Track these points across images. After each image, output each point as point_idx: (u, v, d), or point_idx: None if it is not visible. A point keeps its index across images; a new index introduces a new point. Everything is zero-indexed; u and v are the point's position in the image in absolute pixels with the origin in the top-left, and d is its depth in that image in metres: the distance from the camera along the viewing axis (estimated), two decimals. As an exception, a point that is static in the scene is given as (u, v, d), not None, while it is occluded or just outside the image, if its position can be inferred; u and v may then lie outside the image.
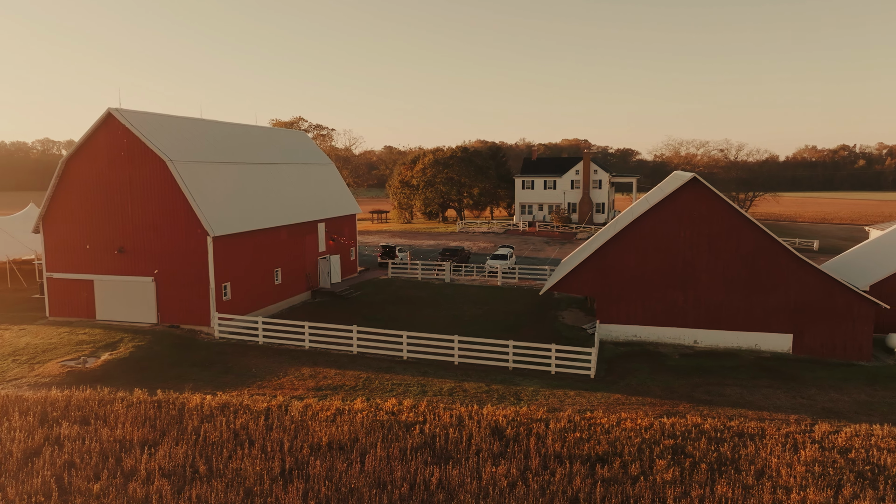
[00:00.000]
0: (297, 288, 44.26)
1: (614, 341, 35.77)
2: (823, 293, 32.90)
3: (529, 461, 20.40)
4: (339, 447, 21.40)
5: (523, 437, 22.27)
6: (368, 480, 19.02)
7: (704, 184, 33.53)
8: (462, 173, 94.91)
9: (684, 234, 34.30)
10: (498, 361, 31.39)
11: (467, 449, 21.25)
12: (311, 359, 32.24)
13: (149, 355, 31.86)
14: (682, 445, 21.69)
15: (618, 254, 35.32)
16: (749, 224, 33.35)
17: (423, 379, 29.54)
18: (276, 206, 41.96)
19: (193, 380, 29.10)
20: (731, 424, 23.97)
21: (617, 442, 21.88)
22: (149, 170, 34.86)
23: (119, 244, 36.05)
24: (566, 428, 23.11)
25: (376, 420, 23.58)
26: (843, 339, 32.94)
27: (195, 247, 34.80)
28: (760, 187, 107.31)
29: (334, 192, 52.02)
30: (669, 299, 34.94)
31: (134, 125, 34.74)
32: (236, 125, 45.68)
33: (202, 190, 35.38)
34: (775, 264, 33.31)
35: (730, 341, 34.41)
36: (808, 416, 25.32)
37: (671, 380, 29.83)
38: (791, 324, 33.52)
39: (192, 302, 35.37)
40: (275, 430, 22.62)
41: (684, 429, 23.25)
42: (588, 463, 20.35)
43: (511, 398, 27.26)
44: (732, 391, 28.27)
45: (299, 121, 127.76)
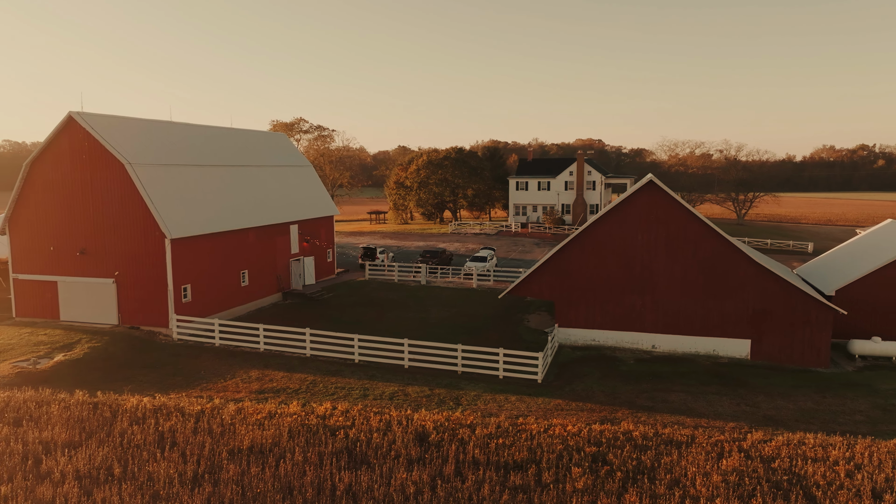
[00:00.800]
0: (267, 290, 44.42)
1: (573, 345, 35.53)
2: (781, 299, 32.43)
3: (444, 467, 20.29)
4: (258, 451, 21.41)
5: (446, 442, 22.16)
6: (277, 485, 19.02)
7: (661, 186, 33.19)
8: (456, 174, 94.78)
9: (642, 237, 33.97)
10: (447, 365, 31.28)
11: (386, 454, 21.19)
12: (263, 361, 32.34)
13: (102, 356, 32.14)
14: (604, 453, 21.46)
15: (576, 257, 35.07)
16: (706, 228, 32.96)
17: (369, 382, 29.52)
18: (244, 208, 42.14)
19: (141, 381, 29.32)
20: (664, 432, 23.69)
21: (538, 449, 21.69)
22: (109, 172, 35.16)
23: (81, 246, 36.40)
24: (492, 434, 22.97)
25: (304, 424, 23.58)
26: (801, 345, 32.45)
27: (153, 249, 35.04)
28: (760, 188, 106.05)
29: (310, 194, 52.15)
30: (628, 303, 34.63)
31: (94, 128, 35.05)
32: (208, 127, 45.96)
33: (162, 192, 35.60)
34: (733, 269, 32.89)
35: (688, 346, 34.03)
36: (746, 424, 24.97)
37: (619, 385, 29.55)
38: (749, 329, 33.09)
39: (151, 303, 35.62)
40: (200, 433, 22.70)
41: (612, 436, 23.02)
42: (503, 470, 20.21)
43: (451, 403, 27.16)
44: (677, 398, 27.95)
45: (300, 122, 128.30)
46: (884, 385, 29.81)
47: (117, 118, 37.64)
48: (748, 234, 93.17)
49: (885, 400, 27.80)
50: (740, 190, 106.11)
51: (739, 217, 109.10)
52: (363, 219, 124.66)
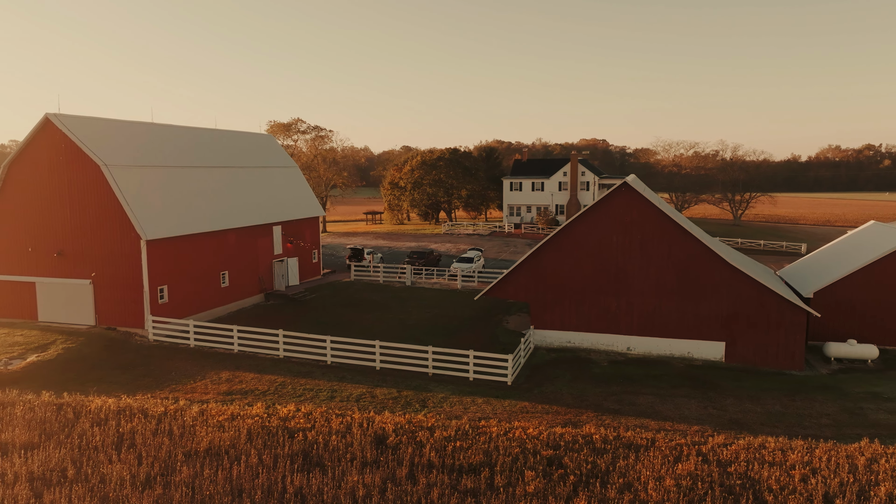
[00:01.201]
0: (249, 291, 44.47)
1: (548, 347, 35.44)
2: (755, 301, 32.28)
3: (398, 471, 20.25)
4: (215, 453, 21.42)
5: (404, 445, 22.13)
6: (227, 488, 19.02)
7: (636, 189, 33.08)
8: (449, 175, 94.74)
9: (617, 239, 33.86)
10: (418, 367, 31.25)
11: (342, 457, 21.16)
12: (236, 362, 32.38)
13: (76, 357, 32.23)
14: (560, 456, 21.39)
15: (551, 259, 34.98)
16: (681, 230, 32.84)
17: (338, 384, 29.52)
18: (224, 210, 42.19)
19: (111, 382, 29.39)
20: (626, 435, 23.60)
21: (494, 452, 21.64)
22: (85, 174, 35.27)
23: (59, 247, 36.51)
24: (451, 437, 22.93)
25: (265, 426, 23.58)
26: (776, 347, 32.29)
27: (130, 250, 35.13)
28: (756, 188, 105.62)
29: (295, 195, 52.19)
30: (603, 305, 34.52)
31: (71, 130, 35.16)
32: (191, 129, 46.04)
33: (138, 194, 35.69)
34: (707, 271, 32.76)
35: (663, 349, 33.90)
36: (710, 427, 24.86)
37: (588, 388, 29.47)
38: (723, 332, 32.94)
39: (127, 304, 35.71)
40: (160, 435, 22.72)
41: (572, 439, 22.95)
42: (455, 473, 20.17)
43: (417, 405, 27.13)
44: (645, 400, 27.84)
45: (297, 122, 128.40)
46: (855, 388, 29.64)
47: (96, 119, 37.75)
48: (743, 234, 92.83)
49: (853, 403, 27.63)
50: (736, 190, 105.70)
51: (736, 218, 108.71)
52: (359, 219, 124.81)
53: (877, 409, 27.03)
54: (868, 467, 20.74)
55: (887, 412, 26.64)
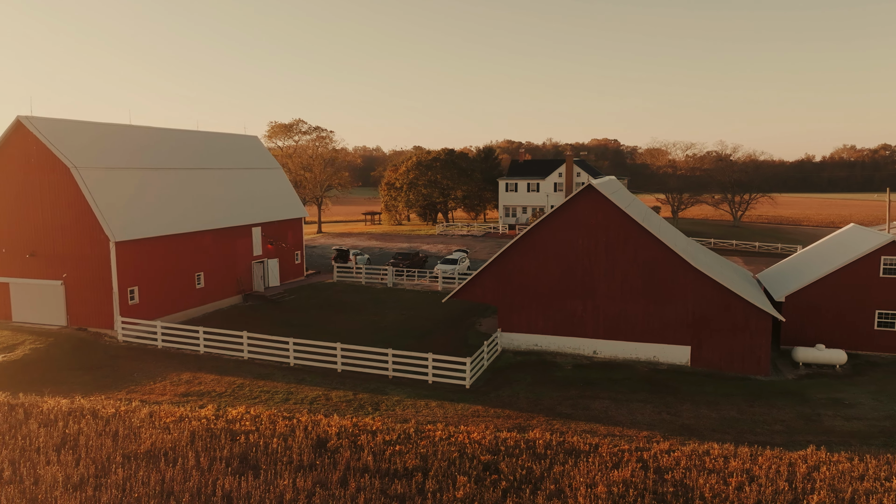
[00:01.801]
0: (226, 291, 44.66)
1: (515, 350, 35.31)
2: (721, 305, 31.97)
3: (331, 475, 20.25)
4: (154, 455, 21.50)
5: (343, 449, 22.12)
6: (157, 490, 19.10)
7: (600, 191, 32.87)
8: (445, 175, 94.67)
9: (582, 242, 33.67)
10: (378, 370, 31.24)
11: (279, 460, 21.18)
12: (199, 364, 32.52)
13: (43, 358, 32.51)
14: (497, 461, 21.29)
15: (518, 261, 34.84)
16: (645, 233, 32.59)
17: (296, 386, 29.56)
18: (200, 211, 42.39)
19: (72, 383, 29.61)
20: (571, 440, 23.47)
21: (432, 457, 21.57)
22: (56, 176, 35.58)
23: (31, 248, 36.86)
24: (392, 440, 22.89)
25: (210, 429, 23.66)
26: (741, 352, 31.96)
27: (99, 252, 35.40)
28: (756, 189, 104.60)
29: (277, 196, 52.35)
30: (569, 308, 34.34)
31: (42, 132, 35.47)
32: (171, 131, 46.31)
33: (109, 196, 35.94)
34: (672, 275, 32.49)
35: (629, 352, 33.67)
36: (660, 433, 24.65)
37: (546, 392, 29.31)
38: (689, 336, 32.66)
39: (98, 305, 35.98)
40: (104, 436, 22.85)
41: (514, 444, 22.84)
42: (387, 478, 20.12)
43: (369, 408, 27.12)
44: (600, 405, 27.65)
45: (299, 123, 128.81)
46: (818, 394, 29.27)
47: (69, 122, 38.06)
48: (741, 236, 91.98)
49: (811, 409, 27.29)
50: (736, 191, 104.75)
51: (735, 219, 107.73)
52: (359, 219, 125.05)
53: (834, 415, 26.69)
54: (808, 476, 20.48)
55: (844, 419, 26.29)
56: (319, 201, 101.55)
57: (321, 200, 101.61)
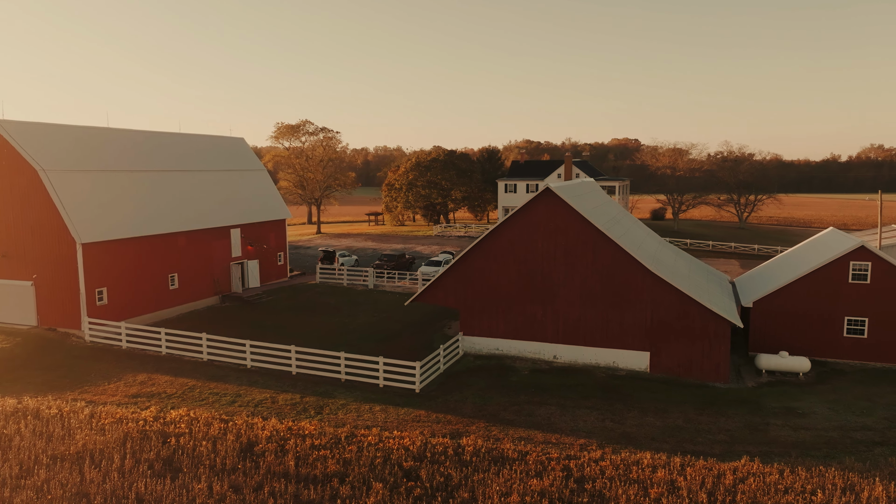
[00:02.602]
0: (202, 293, 45.02)
1: (477, 354, 35.11)
2: (678, 310, 31.47)
3: (249, 479, 20.29)
4: (81, 457, 21.70)
5: (270, 453, 22.15)
6: (73, 492, 19.28)
7: (558, 195, 32.55)
8: (443, 176, 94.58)
9: (542, 245, 33.37)
10: (331, 373, 31.26)
11: (202, 463, 21.26)
12: (158, 364, 32.80)
13: (6, 357, 33.02)
14: (418, 468, 21.17)
15: (479, 264, 34.63)
16: (602, 238, 32.18)
17: (246, 389, 29.68)
18: (174, 213, 42.78)
19: (28, 382, 30.04)
20: (503, 447, 23.26)
21: (355, 462, 21.51)
22: (24, 178, 36.15)
23: (3, 249, 37.50)
24: (321, 445, 22.87)
25: (145, 430, 23.83)
26: (700, 358, 31.43)
27: (67, 253, 35.89)
28: (761, 190, 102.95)
29: (259, 198, 52.66)
30: (529, 312, 34.05)
31: (11, 135, 36.06)
32: (151, 133, 46.80)
33: (76, 198, 36.42)
34: (630, 280, 32.05)
35: (588, 357, 33.29)
36: (596, 441, 24.32)
37: (495, 397, 29.08)
38: (647, 342, 32.20)
39: (66, 306, 36.49)
40: (39, 437, 23.14)
41: (443, 450, 22.68)
42: (303, 483, 20.11)
43: (312, 411, 27.14)
44: (545, 411, 27.36)
45: (305, 123, 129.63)
46: (772, 402, 28.66)
47: (43, 125, 38.63)
48: (744, 238, 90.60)
49: (761, 419, 26.72)
50: (742, 192, 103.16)
51: (741, 220, 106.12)
52: (362, 220, 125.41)
53: (783, 425, 26.12)
54: (731, 488, 20.05)
55: (792, 429, 25.72)
56: (318, 202, 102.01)
57: (320, 201, 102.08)
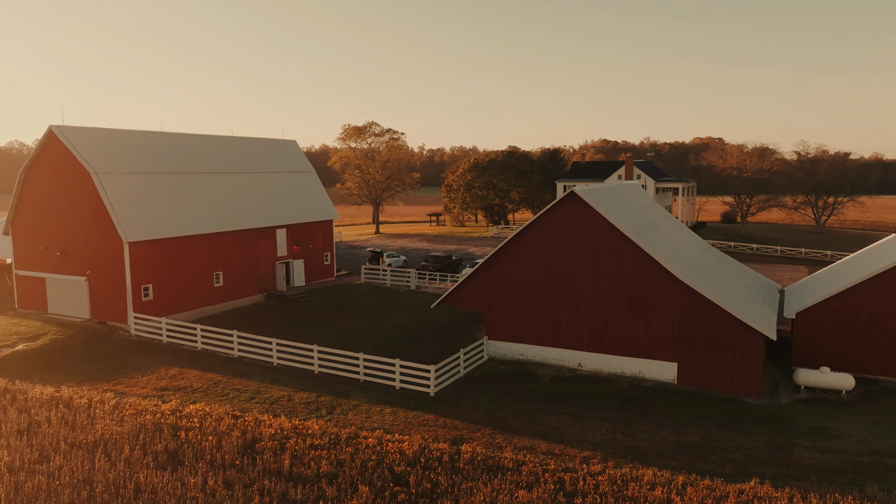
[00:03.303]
0: (246, 290, 46.65)
1: (501, 359, 34.70)
2: (708, 320, 29.97)
3: (243, 476, 20.86)
4: (95, 445, 22.94)
5: (270, 451, 22.69)
6: (80, 478, 20.43)
7: (582, 199, 31.69)
8: (501, 177, 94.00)
9: (567, 250, 32.59)
10: (350, 373, 31.69)
11: (203, 458, 22.02)
12: (192, 359, 34.25)
13: (57, 348, 35.39)
14: (408, 473, 21.13)
15: (504, 268, 34.22)
16: (628, 243, 31.08)
17: (267, 386, 30.54)
18: (221, 213, 44.53)
19: (71, 372, 32.06)
20: (503, 456, 22.87)
21: (350, 464, 21.71)
22: (80, 180, 38.59)
23: (62, 247, 40.18)
24: (320, 445, 23.23)
25: (160, 423, 24.93)
26: (731, 371, 29.82)
27: (115, 251, 38.05)
28: (840, 192, 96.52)
29: (307, 199, 54.02)
30: (554, 318, 33.34)
31: (70, 140, 38.57)
32: (204, 136, 48.90)
33: (125, 199, 38.55)
34: (657, 287, 30.80)
35: (613, 366, 32.25)
36: (601, 454, 23.54)
37: (509, 404, 28.63)
38: (675, 352, 30.85)
39: (115, 301, 38.69)
40: (65, 424, 24.64)
41: (439, 455, 22.55)
42: (293, 482, 20.48)
43: (323, 411, 27.61)
44: (556, 421, 26.70)
45: (371, 125, 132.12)
46: (805, 422, 26.81)
47: (99, 130, 41.09)
48: (820, 244, 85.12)
49: (787, 438, 25.06)
50: (819, 194, 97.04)
51: (819, 225, 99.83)
52: (423, 220, 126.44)
53: (810, 446, 24.39)
54: (731, 511, 18.92)
55: (819, 451, 23.99)
56: (377, 202, 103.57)
57: (379, 202, 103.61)
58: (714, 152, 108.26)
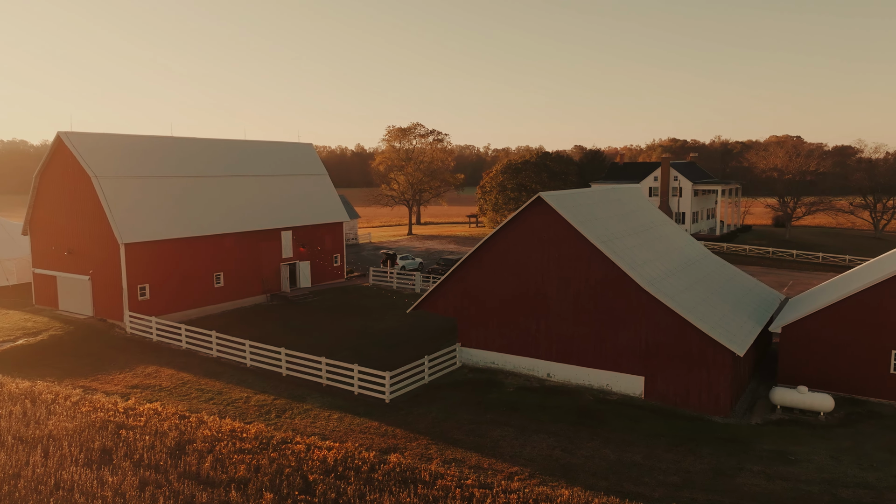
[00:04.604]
0: (249, 291, 47.78)
1: (473, 366, 34.17)
2: (676, 334, 28.53)
3: (161, 476, 21.34)
4: (38, 441, 23.96)
5: (196, 453, 23.12)
6: (11, 473, 21.38)
7: (549, 205, 30.79)
8: (533, 179, 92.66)
9: (536, 257, 31.75)
10: (314, 377, 31.92)
11: (131, 457, 22.66)
12: (173, 358, 35.33)
13: (54, 344, 37.23)
14: (319, 482, 21.06)
15: (475, 274, 33.67)
16: (596, 251, 29.96)
17: (231, 387, 31.15)
18: (223, 215, 45.77)
19: (56, 367, 33.65)
20: (429, 468, 22.52)
21: (266, 469, 21.85)
22: (84, 184, 40.50)
23: (69, 247, 42.29)
24: (248, 449, 23.48)
25: (110, 420, 25.81)
26: (698, 388, 28.29)
27: (113, 251, 39.73)
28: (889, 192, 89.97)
29: (317, 201, 54.81)
30: (523, 327, 32.55)
31: (75, 145, 40.53)
32: (214, 141, 50.36)
33: (124, 202, 40.18)
34: (625, 298, 29.57)
35: (582, 378, 31.20)
36: (528, 471, 22.82)
37: (461, 414, 28.13)
38: (642, 365, 29.53)
39: (113, 299, 40.41)
40: (22, 419, 25.85)
41: (360, 464, 22.40)
42: (203, 486, 20.78)
43: (273, 414, 27.92)
44: (499, 433, 26.04)
45: (416, 126, 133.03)
46: (766, 445, 25.10)
47: (102, 135, 42.96)
48: (876, 250, 79.57)
49: (737, 462, 23.52)
50: (879, 196, 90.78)
51: (877, 230, 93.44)
52: (462, 221, 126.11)
53: (759, 472, 22.81)
54: (632, 539, 17.92)
55: (766, 477, 22.40)
56: (410, 204, 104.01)
57: (411, 203, 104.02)
58: (755, 152, 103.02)
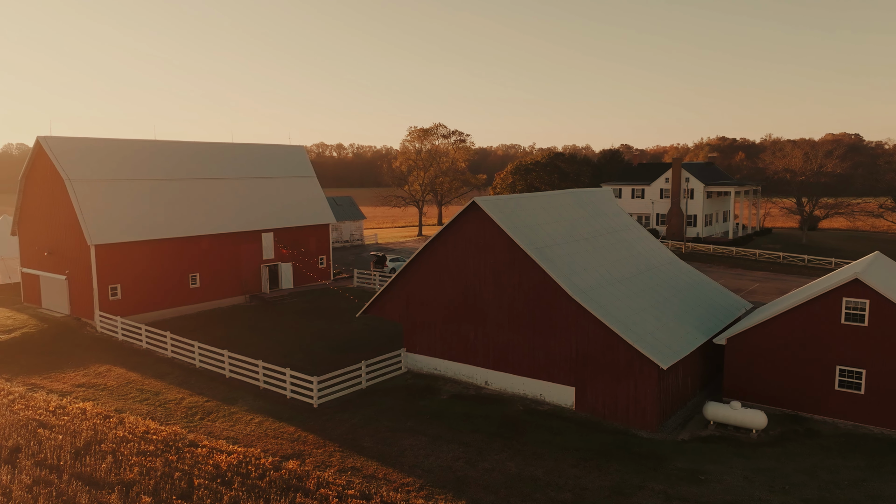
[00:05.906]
0: (226, 292, 48.62)
1: (418, 372, 33.97)
2: (604, 345, 27.72)
3: (57, 475, 21.89)
4: (-38, 437, 24.94)
5: (99, 454, 23.64)
6: (-81, 468, 22.32)
7: (483, 210, 30.32)
8: (543, 180, 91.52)
9: (472, 263, 31.33)
10: (252, 379, 32.24)
11: (36, 456, 23.32)
12: (128, 357, 36.24)
13: (25, 341, 38.64)
14: (203, 486, 21.28)
15: (418, 279, 33.43)
16: (528, 259, 29.35)
17: (170, 388, 31.75)
18: (199, 217, 46.68)
19: (18, 364, 34.92)
20: (320, 475, 22.52)
21: (158, 470, 22.19)
22: (58, 187, 41.90)
23: (49, 247, 43.83)
24: (149, 451, 23.87)
25: (35, 418, 26.66)
26: (626, 400, 27.43)
27: (84, 252, 40.98)
28: None
29: (303, 203, 55.34)
30: (463, 334, 32.17)
31: (51, 149, 41.96)
32: (199, 144, 51.37)
33: (95, 204, 41.39)
34: (555, 307, 28.89)
35: (517, 387, 30.63)
36: (421, 482, 22.52)
37: (381, 421, 27.95)
38: (573, 376, 28.80)
39: (86, 298, 41.70)
40: (-44, 415, 26.96)
41: (251, 470, 22.53)
42: (96, 487, 21.22)
43: (198, 416, 28.34)
44: (409, 442, 25.76)
45: (438, 127, 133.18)
46: (680, 463, 24.12)
47: (79, 139, 44.26)
48: None
49: (641, 481, 22.65)
50: None
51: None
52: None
53: (660, 492, 21.94)
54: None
55: (664, 497, 21.53)
56: (420, 205, 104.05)
57: (421, 204, 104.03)
58: (770, 153, 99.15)
